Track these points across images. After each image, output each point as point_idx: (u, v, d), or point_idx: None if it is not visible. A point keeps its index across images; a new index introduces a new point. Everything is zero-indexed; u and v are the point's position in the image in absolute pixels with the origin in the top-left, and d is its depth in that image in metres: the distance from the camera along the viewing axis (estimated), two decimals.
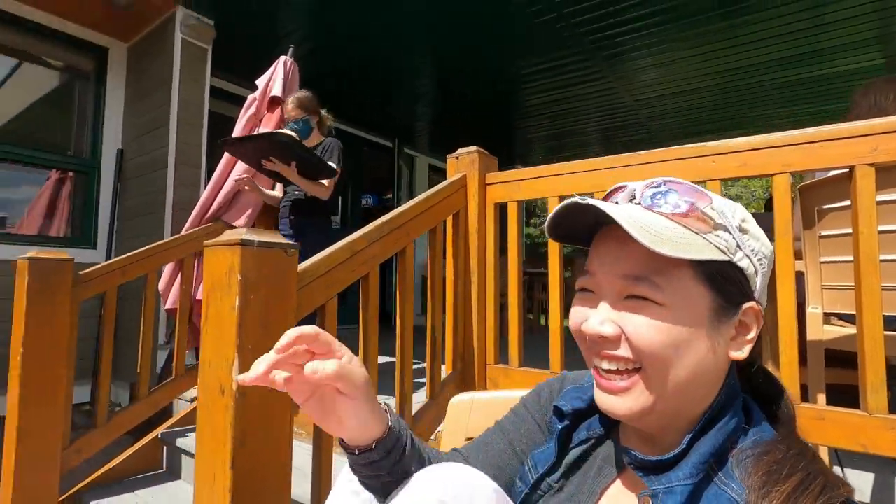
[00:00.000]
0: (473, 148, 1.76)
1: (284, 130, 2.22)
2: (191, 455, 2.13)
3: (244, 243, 0.96)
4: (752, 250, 0.51)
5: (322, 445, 1.21)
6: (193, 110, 3.30)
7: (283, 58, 2.69)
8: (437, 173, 6.99)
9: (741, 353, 0.52)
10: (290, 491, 1.04)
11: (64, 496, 1.91)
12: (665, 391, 0.49)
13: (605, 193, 0.58)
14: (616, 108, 5.05)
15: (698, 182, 1.20)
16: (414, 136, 6.21)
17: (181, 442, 2.15)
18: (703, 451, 0.49)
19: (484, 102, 5.07)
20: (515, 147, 6.74)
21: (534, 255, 8.13)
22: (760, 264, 0.52)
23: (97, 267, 2.04)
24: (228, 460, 0.93)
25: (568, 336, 1.38)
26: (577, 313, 0.54)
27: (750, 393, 0.57)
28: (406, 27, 3.59)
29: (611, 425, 0.60)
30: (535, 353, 1.72)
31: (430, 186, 5.68)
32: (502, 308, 1.71)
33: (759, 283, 0.52)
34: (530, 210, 11.70)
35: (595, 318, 0.51)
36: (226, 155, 2.56)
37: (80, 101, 3.79)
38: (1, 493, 1.76)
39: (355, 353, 1.29)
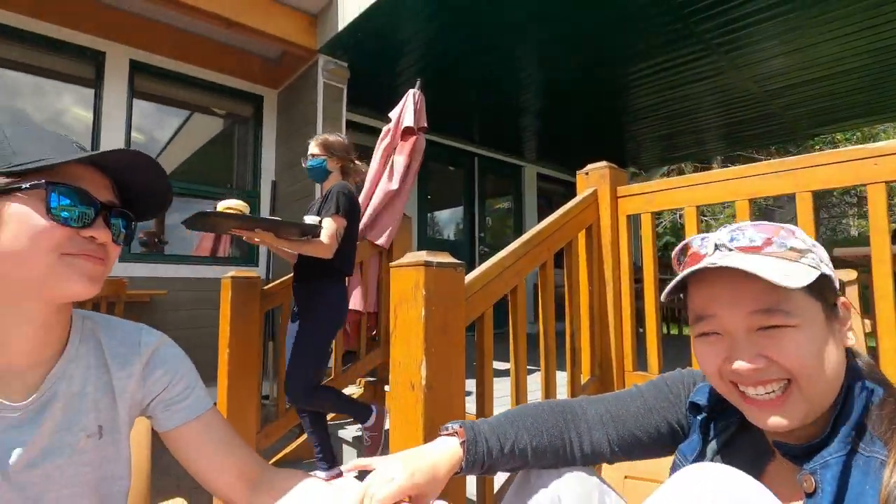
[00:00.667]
0: (603, 164, 1.85)
1: (229, 203, 1.85)
2: (350, 444, 2.45)
3: (426, 264, 1.16)
4: (821, 259, 0.62)
5: None
6: None
7: (411, 91, 2.98)
8: (545, 181, 7.03)
9: (851, 340, 0.62)
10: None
11: None
12: (816, 394, 0.58)
13: (681, 245, 0.68)
14: (739, 101, 4.72)
15: (858, 186, 1.18)
16: (521, 147, 6.33)
17: (342, 433, 2.48)
18: (845, 428, 0.57)
19: (591, 109, 5.05)
20: (626, 149, 6.54)
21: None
22: (829, 266, 0.62)
23: (276, 283, 2.46)
24: (421, 441, 1.13)
25: None
26: (711, 355, 0.62)
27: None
28: (514, 47, 3.76)
29: (744, 419, 0.67)
30: (672, 360, 1.74)
31: (539, 195, 5.78)
32: (638, 315, 1.76)
33: (836, 282, 0.62)
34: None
35: (742, 356, 0.59)
36: (367, 182, 2.91)
37: (241, 141, 4.51)
38: None
39: (507, 356, 1.45)
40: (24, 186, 0.56)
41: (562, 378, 1.84)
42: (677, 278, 0.63)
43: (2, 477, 0.58)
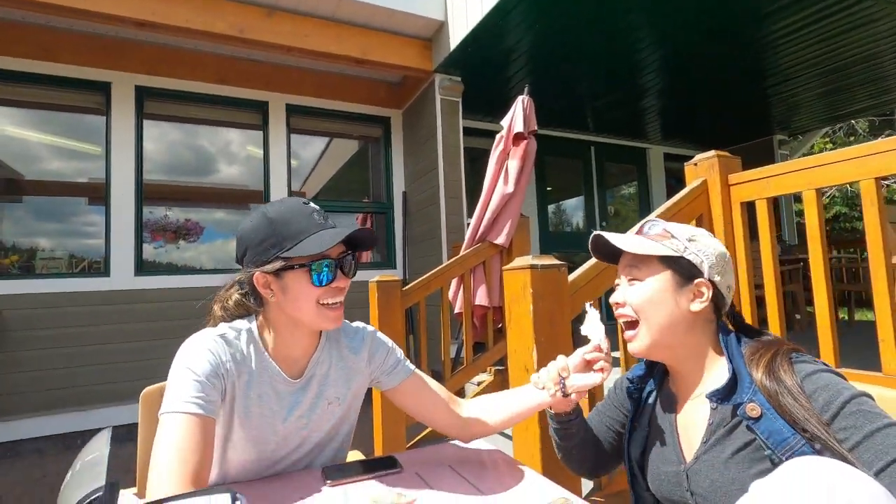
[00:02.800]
0: (712, 153, 1.85)
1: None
2: None
3: (532, 267, 1.37)
4: (699, 250, 0.89)
5: None
6: (453, 153, 4.12)
7: (520, 97, 3.17)
8: (674, 161, 6.62)
9: (696, 308, 0.87)
10: None
11: (409, 445, 2.73)
12: (654, 331, 0.88)
13: (637, 227, 1.00)
14: None
15: None
16: (644, 129, 6.06)
17: None
18: (744, 369, 0.81)
19: (725, 77, 4.65)
20: (771, 115, 5.85)
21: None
22: (706, 257, 0.88)
23: (413, 284, 2.84)
24: (536, 416, 1.34)
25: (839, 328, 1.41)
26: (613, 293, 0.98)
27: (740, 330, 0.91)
28: (628, 29, 3.70)
29: (661, 380, 0.98)
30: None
31: (668, 175, 5.49)
32: (759, 302, 1.74)
33: (706, 269, 0.88)
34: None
35: (615, 294, 0.95)
36: (485, 188, 3.17)
37: (374, 159, 5.10)
38: (375, 440, 2.65)
39: (615, 347, 1.59)
40: (295, 267, 0.90)
41: None
42: (591, 237, 0.99)
43: (291, 420, 0.99)
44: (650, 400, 0.98)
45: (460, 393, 3.24)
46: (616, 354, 1.50)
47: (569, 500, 0.75)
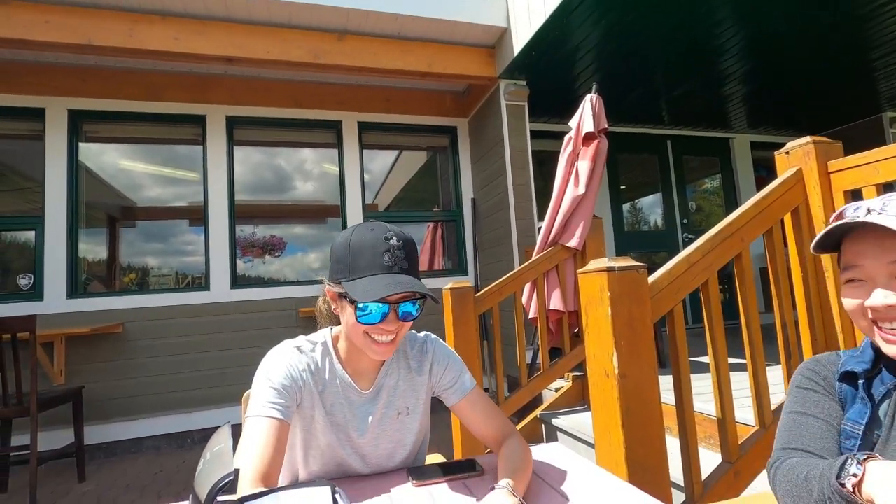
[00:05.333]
0: (807, 139, 1.70)
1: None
2: (565, 432, 2.69)
3: (609, 269, 1.34)
4: None
5: (688, 436, 1.46)
6: (521, 157, 4.10)
7: (588, 96, 3.09)
8: (763, 149, 6.11)
9: None
10: (666, 450, 1.34)
11: (488, 450, 2.74)
12: None
13: (834, 215, 0.80)
14: None
15: None
16: (726, 117, 5.65)
17: (555, 421, 2.74)
18: None
19: (818, 55, 4.23)
20: (878, 91, 5.22)
21: None
22: None
23: (486, 290, 2.86)
24: (619, 423, 1.30)
25: None
26: (854, 295, 0.77)
27: None
28: (704, 12, 3.49)
29: None
30: None
31: (757, 165, 5.08)
32: None
33: None
34: None
35: (880, 295, 0.72)
36: (555, 190, 3.12)
37: (442, 168, 5.20)
38: (455, 443, 2.68)
39: (704, 351, 1.50)
40: (348, 298, 0.92)
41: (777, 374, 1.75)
42: (825, 229, 0.77)
43: (365, 430, 1.04)
44: (886, 401, 0.78)
45: (538, 399, 3.20)
46: None
47: None
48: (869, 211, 0.75)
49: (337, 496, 0.60)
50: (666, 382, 1.49)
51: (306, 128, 4.57)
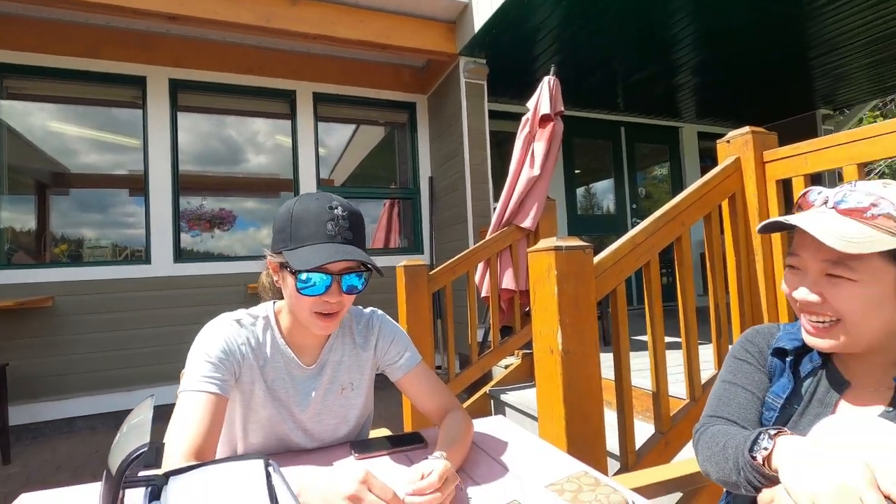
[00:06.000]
0: (746, 129, 1.78)
1: None
2: (513, 407, 2.77)
3: (557, 249, 1.37)
4: None
5: (625, 410, 1.54)
6: (478, 137, 4.09)
7: (546, 78, 3.11)
8: (709, 140, 6.40)
9: None
10: (604, 422, 1.40)
11: None
12: (858, 336, 0.72)
13: (802, 194, 0.82)
14: None
15: None
16: (677, 107, 5.86)
17: (504, 397, 2.81)
18: None
19: (765, 50, 4.43)
20: (814, 89, 5.55)
21: None
22: None
23: (439, 268, 2.87)
24: (561, 397, 1.35)
25: None
26: (789, 282, 0.80)
27: None
28: (661, 1, 3.56)
29: (826, 357, 0.82)
30: None
31: (703, 155, 5.30)
32: None
33: None
34: None
35: (803, 291, 0.76)
36: (511, 171, 3.15)
37: (400, 144, 5.12)
38: (405, 419, 2.71)
39: (642, 331, 1.57)
40: (289, 268, 0.90)
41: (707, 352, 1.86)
42: (769, 220, 0.81)
43: (307, 405, 1.02)
44: (810, 378, 0.83)
45: (487, 376, 3.27)
46: None
47: (588, 472, 0.76)
48: (825, 201, 0.77)
49: (270, 469, 0.59)
50: (607, 359, 1.56)
51: (258, 96, 4.35)
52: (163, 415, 0.85)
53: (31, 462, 2.98)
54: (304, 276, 0.89)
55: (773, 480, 0.66)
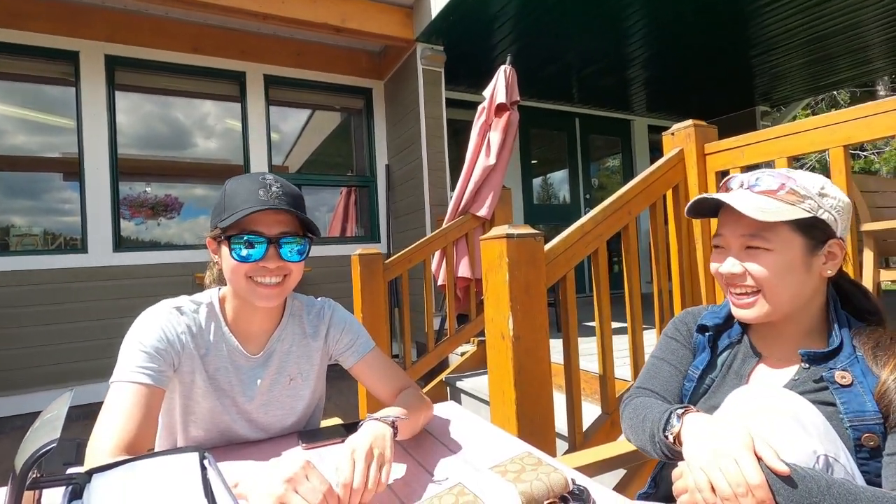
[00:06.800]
0: (689, 122, 1.86)
1: None
2: (468, 394, 2.81)
3: (508, 236, 1.38)
4: (832, 206, 0.79)
5: (573, 392, 1.59)
6: (436, 125, 4.07)
7: (502, 67, 3.12)
8: (659, 133, 6.63)
9: (831, 272, 0.81)
10: (553, 405, 1.44)
11: None
12: (778, 302, 0.81)
13: (721, 183, 0.90)
14: None
15: None
16: (629, 100, 6.03)
17: (460, 384, 2.84)
18: (848, 339, 0.78)
19: (709, 49, 4.63)
20: (754, 86, 5.86)
21: None
22: (839, 213, 0.79)
23: (395, 257, 2.85)
24: (512, 381, 1.38)
25: None
26: (715, 260, 0.88)
27: (840, 296, 0.85)
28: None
29: (743, 332, 0.91)
30: None
31: (652, 148, 5.50)
32: None
33: (839, 226, 0.80)
34: None
35: (728, 263, 0.84)
36: (467, 160, 3.15)
37: (356, 131, 5.02)
38: (361, 410, 2.69)
39: (591, 318, 1.61)
40: (223, 238, 0.89)
41: (652, 337, 1.95)
42: (697, 196, 0.88)
43: (253, 395, 1.00)
44: (727, 351, 0.91)
45: (444, 363, 3.29)
46: None
47: (531, 453, 0.78)
48: (742, 184, 0.85)
49: (206, 462, 0.57)
50: (557, 344, 1.60)
51: (205, 76, 4.14)
52: (94, 413, 0.80)
53: None
54: (237, 239, 0.87)
55: (681, 455, 0.73)
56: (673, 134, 1.92)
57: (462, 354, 3.16)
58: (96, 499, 0.50)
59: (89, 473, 0.51)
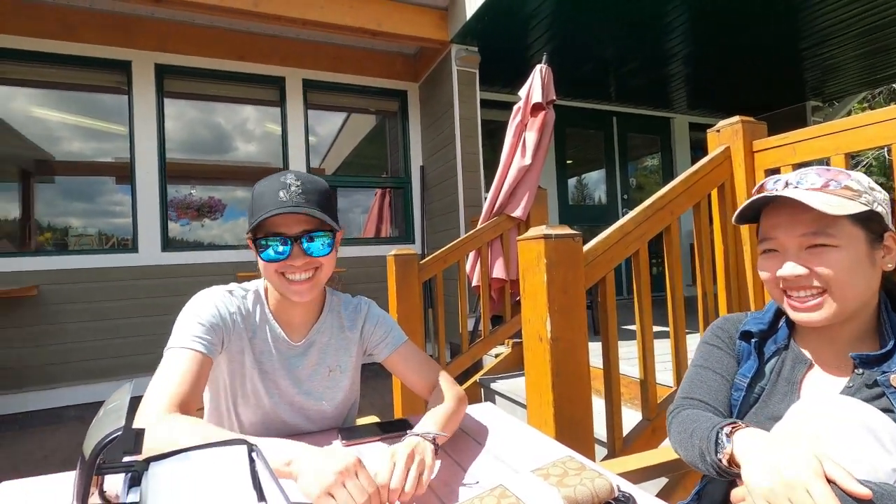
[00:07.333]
0: (736, 118, 1.78)
1: None
2: (503, 395, 2.78)
3: (546, 237, 1.36)
4: (878, 200, 0.77)
5: (613, 396, 1.55)
6: (470, 125, 4.06)
7: (538, 66, 3.09)
8: (700, 131, 6.41)
9: (891, 265, 0.79)
10: (592, 408, 1.41)
11: None
12: (846, 301, 0.76)
13: (756, 188, 0.86)
14: None
15: None
16: (668, 98, 5.86)
17: (494, 385, 2.83)
18: None
19: (756, 42, 4.43)
20: (804, 80, 5.58)
21: None
22: (886, 206, 0.78)
23: (430, 258, 2.86)
24: (550, 384, 1.36)
25: None
26: (769, 267, 0.83)
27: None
28: None
29: (789, 337, 0.87)
30: None
31: (693, 147, 5.33)
32: None
33: (888, 219, 0.78)
34: None
35: (788, 267, 0.78)
36: (502, 160, 3.13)
37: (391, 133, 5.07)
38: (395, 407, 2.72)
39: (632, 320, 1.58)
40: (252, 239, 0.95)
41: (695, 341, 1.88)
42: (746, 201, 0.83)
43: (294, 381, 1.04)
44: (774, 357, 0.87)
45: (478, 365, 3.28)
46: None
47: (573, 457, 0.76)
48: (787, 184, 0.81)
49: (253, 455, 0.59)
50: (595, 348, 1.56)
51: (247, 82, 4.28)
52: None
53: (17, 453, 2.95)
54: (263, 241, 0.93)
55: (739, 476, 0.69)
56: (718, 131, 1.85)
57: (496, 356, 3.14)
58: (153, 486, 0.52)
59: (147, 462, 0.53)
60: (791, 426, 0.71)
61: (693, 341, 1.88)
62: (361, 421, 1.22)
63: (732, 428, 0.73)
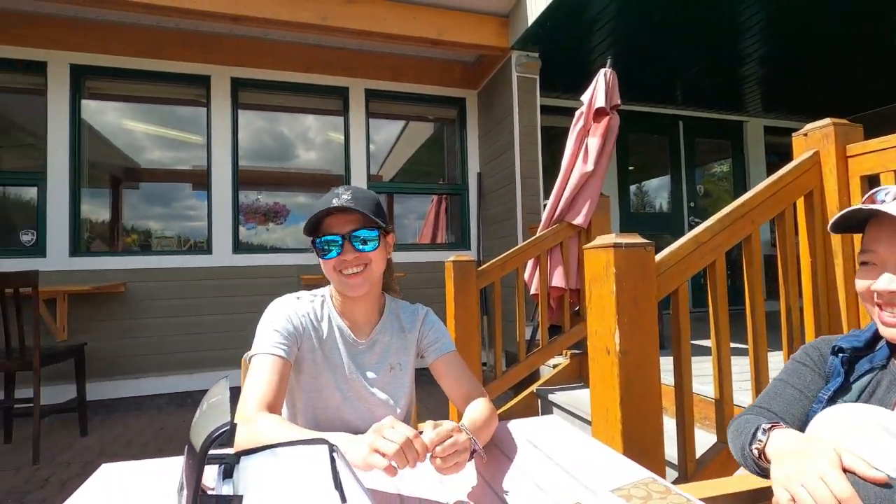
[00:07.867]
0: (827, 121, 1.65)
1: None
2: (560, 407, 2.71)
3: (616, 246, 1.32)
4: None
5: (685, 415, 1.46)
6: (530, 132, 4.02)
7: (602, 70, 3.01)
8: (777, 135, 5.99)
9: None
10: (663, 427, 1.34)
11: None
12: None
13: (865, 196, 0.82)
14: None
15: None
16: (741, 100, 5.53)
17: (552, 397, 2.76)
18: None
19: (844, 39, 4.09)
20: None
21: None
22: None
23: (488, 264, 2.84)
24: (618, 399, 1.30)
25: None
26: (865, 278, 0.80)
27: None
28: None
29: (889, 358, 0.82)
30: None
31: (769, 151, 4.97)
32: None
33: None
34: None
35: (884, 280, 0.76)
36: (563, 166, 3.07)
37: (449, 140, 5.12)
38: (451, 411, 2.71)
39: (707, 335, 1.50)
40: (312, 241, 1.07)
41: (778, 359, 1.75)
42: (844, 210, 0.81)
43: (360, 377, 1.11)
44: (867, 375, 0.83)
45: (535, 375, 3.22)
46: None
47: (656, 479, 0.72)
48: None
49: (335, 454, 0.60)
50: (665, 364, 1.49)
51: (312, 93, 4.47)
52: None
53: (105, 436, 3.21)
54: (318, 242, 1.05)
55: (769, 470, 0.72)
56: (806, 135, 1.71)
57: (554, 367, 3.07)
58: (244, 479, 0.54)
59: (238, 455, 0.56)
60: (811, 431, 0.73)
61: (775, 360, 1.74)
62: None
63: (772, 426, 0.76)
